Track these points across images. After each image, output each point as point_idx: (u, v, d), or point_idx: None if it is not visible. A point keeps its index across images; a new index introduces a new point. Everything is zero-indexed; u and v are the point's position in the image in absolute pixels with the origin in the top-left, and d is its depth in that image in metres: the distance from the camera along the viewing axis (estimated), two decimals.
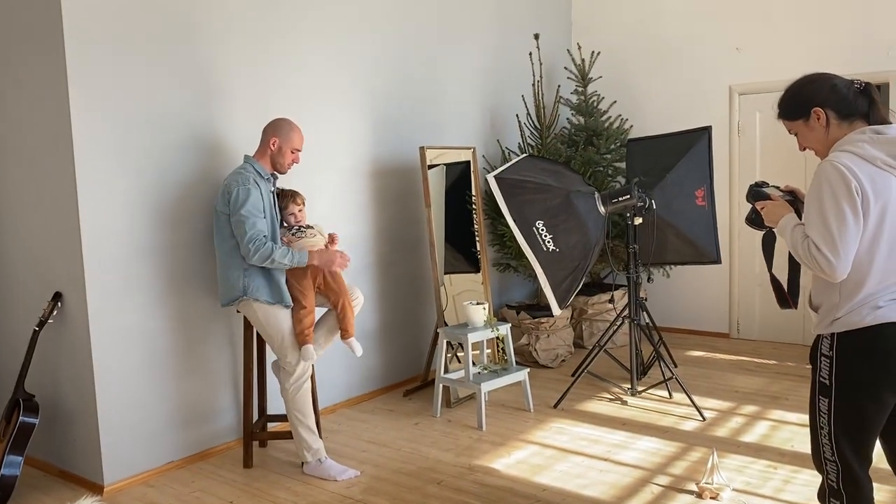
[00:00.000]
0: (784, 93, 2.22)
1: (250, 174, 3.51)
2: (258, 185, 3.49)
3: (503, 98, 5.88)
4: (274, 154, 3.59)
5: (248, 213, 3.40)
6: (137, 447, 3.60)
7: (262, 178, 3.55)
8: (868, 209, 1.99)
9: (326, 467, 3.57)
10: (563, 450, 3.82)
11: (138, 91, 3.54)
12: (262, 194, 3.48)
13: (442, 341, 4.39)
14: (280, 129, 3.59)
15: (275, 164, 3.61)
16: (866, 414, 2.07)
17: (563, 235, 4.33)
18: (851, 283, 2.05)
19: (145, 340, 3.62)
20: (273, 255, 3.39)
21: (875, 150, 2.01)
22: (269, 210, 3.53)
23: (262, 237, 3.40)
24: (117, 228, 3.49)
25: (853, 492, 2.11)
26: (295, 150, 3.62)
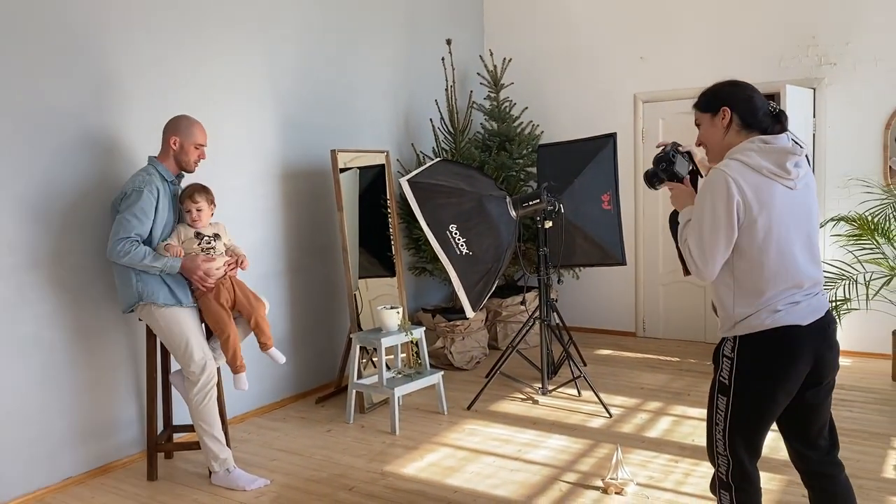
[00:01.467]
0: (709, 87, 2.32)
1: (153, 176, 3.41)
2: (158, 188, 3.39)
3: (417, 102, 5.90)
4: (177, 153, 3.49)
5: (132, 214, 3.30)
6: (33, 464, 3.43)
7: (165, 181, 3.45)
8: (752, 218, 2.09)
9: (235, 477, 3.50)
10: (474, 451, 3.87)
11: (26, 89, 3.38)
12: (159, 197, 3.39)
13: (355, 346, 4.37)
14: (179, 127, 3.49)
15: (180, 163, 3.51)
16: (761, 413, 2.17)
17: (476, 239, 4.38)
18: (748, 289, 2.15)
19: (41, 353, 3.46)
20: (143, 258, 3.30)
21: (762, 159, 2.12)
22: (167, 213, 3.44)
23: (134, 238, 3.30)
24: (7, 235, 3.32)
25: (741, 484, 2.23)
26: (199, 146, 3.52)
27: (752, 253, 2.12)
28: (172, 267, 3.36)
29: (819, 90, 5.38)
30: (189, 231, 3.51)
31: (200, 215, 3.52)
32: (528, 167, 6.02)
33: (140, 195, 3.33)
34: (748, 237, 2.11)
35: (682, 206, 2.32)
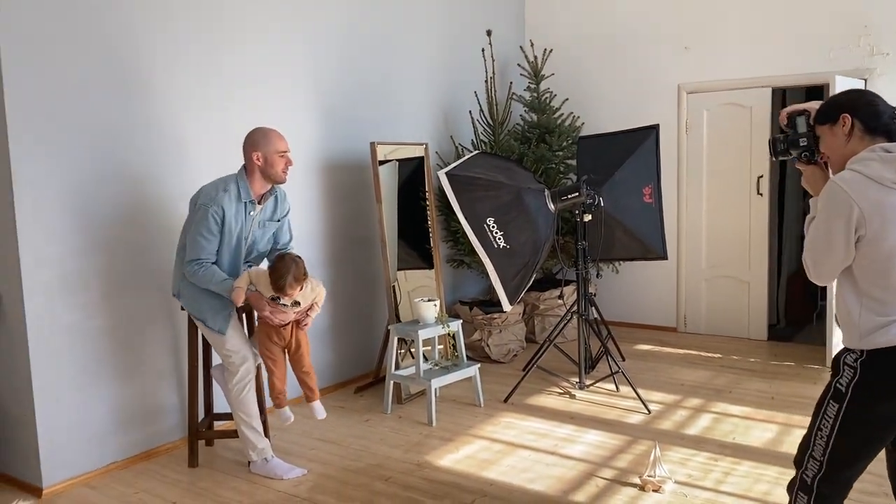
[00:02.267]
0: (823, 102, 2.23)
1: (227, 193, 3.34)
2: (224, 210, 3.31)
3: (456, 94, 5.88)
4: (262, 168, 3.39)
5: (201, 235, 3.30)
6: (78, 448, 3.53)
7: (240, 201, 3.38)
8: (874, 232, 1.97)
9: (272, 466, 3.54)
10: (511, 444, 3.86)
11: (73, 86, 3.45)
12: (225, 217, 3.32)
13: (393, 338, 4.39)
14: (256, 141, 3.40)
15: (268, 176, 3.41)
16: (871, 434, 2.07)
17: (513, 232, 4.36)
18: (874, 302, 2.04)
19: (86, 340, 3.55)
20: (209, 282, 3.33)
21: (884, 169, 1.99)
22: (236, 231, 3.39)
23: (206, 261, 3.32)
24: (55, 226, 3.41)
25: (827, 492, 2.12)
26: (282, 153, 3.39)
27: (878, 266, 2.01)
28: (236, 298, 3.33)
29: (870, 81, 5.21)
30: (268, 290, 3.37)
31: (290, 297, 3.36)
32: (568, 159, 5.96)
33: (206, 214, 3.29)
34: (873, 251, 1.99)
35: (815, 192, 2.23)
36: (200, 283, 3.35)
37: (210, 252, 3.35)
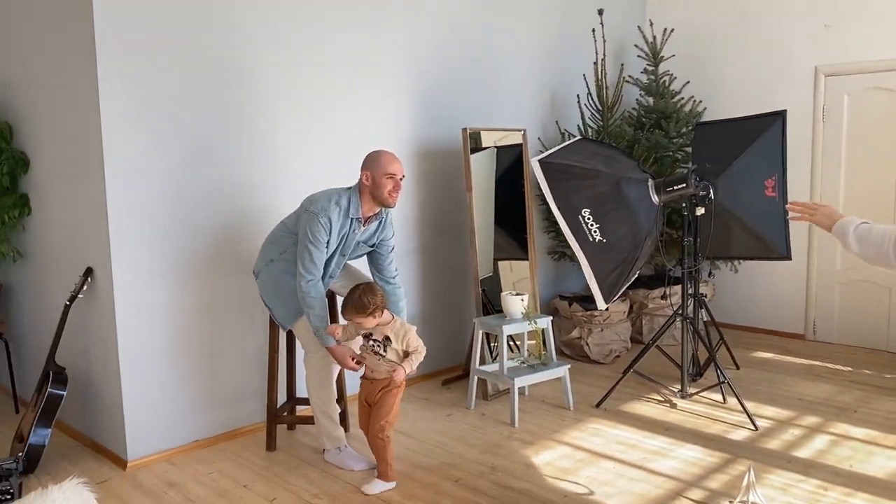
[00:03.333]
0: None
1: (338, 207, 3.29)
2: (332, 222, 3.27)
3: (563, 77, 5.59)
4: (370, 188, 3.33)
5: (311, 244, 3.27)
6: (162, 425, 3.62)
7: (348, 218, 3.34)
8: None
9: (345, 456, 3.48)
10: (595, 453, 3.60)
11: (168, 72, 3.51)
12: (331, 231, 3.28)
13: (477, 332, 4.22)
14: (368, 162, 3.35)
15: (375, 197, 3.35)
16: None
17: (611, 225, 4.06)
18: None
19: (173, 320, 3.62)
20: (311, 307, 3.28)
21: None
22: (334, 246, 3.34)
23: (316, 279, 3.29)
24: (145, 210, 3.49)
25: None
26: (390, 175, 3.30)
27: None
28: (322, 340, 3.32)
29: None
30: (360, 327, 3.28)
31: (362, 326, 3.23)
32: (686, 147, 5.53)
33: (315, 224, 3.25)
34: None
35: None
36: (306, 300, 3.29)
37: (320, 264, 3.29)
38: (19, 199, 4.12)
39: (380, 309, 3.19)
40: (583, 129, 5.39)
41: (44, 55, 3.75)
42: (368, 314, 3.15)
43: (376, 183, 3.31)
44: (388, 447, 3.26)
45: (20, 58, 3.99)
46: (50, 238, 3.97)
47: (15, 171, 4.08)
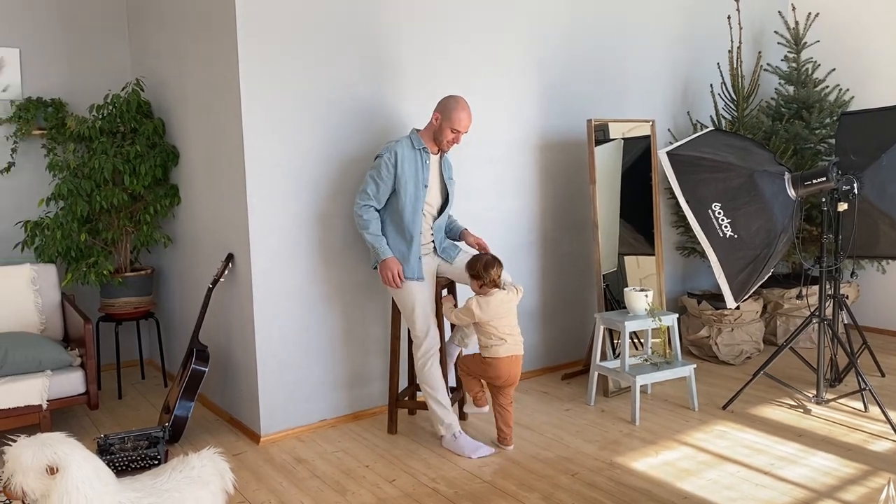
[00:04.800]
0: None
1: (399, 143, 3.54)
2: (397, 154, 3.49)
3: (695, 66, 5.39)
4: (435, 129, 3.56)
5: (371, 178, 3.53)
6: (292, 404, 3.82)
7: (414, 149, 3.56)
8: None
9: (460, 443, 3.55)
10: (719, 456, 3.47)
11: (306, 65, 3.69)
12: (398, 161, 3.49)
13: (599, 327, 4.16)
14: (445, 107, 3.54)
15: (436, 140, 3.58)
16: None
17: (743, 220, 3.89)
18: None
19: (305, 304, 3.82)
20: (366, 227, 3.52)
21: None
22: (411, 178, 3.52)
23: (369, 207, 3.52)
24: (282, 199, 3.69)
25: None
26: (455, 131, 3.53)
27: None
28: (378, 254, 3.52)
29: None
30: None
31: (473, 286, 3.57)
32: (830, 138, 5.19)
33: (380, 161, 3.52)
34: None
35: None
36: (359, 222, 3.52)
37: (376, 196, 3.52)
38: (170, 189, 4.46)
39: (486, 285, 3.45)
40: (716, 120, 5.19)
41: (193, 55, 4.04)
42: (473, 277, 3.49)
43: (441, 128, 3.54)
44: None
45: (173, 58, 4.32)
46: (196, 226, 4.28)
47: (167, 164, 4.42)
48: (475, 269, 3.50)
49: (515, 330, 3.50)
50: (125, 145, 4.32)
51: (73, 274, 4.26)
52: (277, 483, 3.29)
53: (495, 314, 3.43)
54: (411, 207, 3.52)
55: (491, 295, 3.45)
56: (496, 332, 3.45)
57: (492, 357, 3.47)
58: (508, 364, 3.47)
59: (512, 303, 3.48)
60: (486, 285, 3.47)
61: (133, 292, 4.49)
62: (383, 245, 3.51)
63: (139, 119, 4.43)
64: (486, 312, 3.42)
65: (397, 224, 3.53)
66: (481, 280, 3.47)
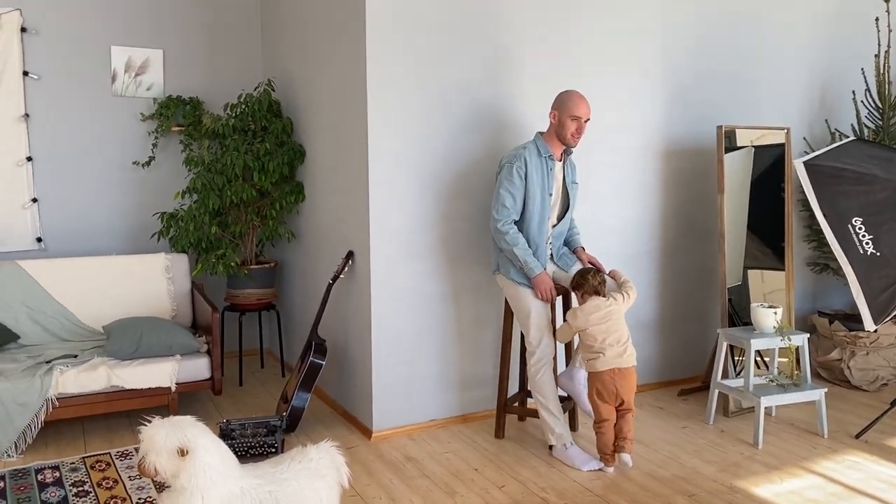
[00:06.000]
0: None
1: (526, 150, 3.49)
2: (527, 161, 3.45)
3: (837, 71, 5.06)
4: (556, 127, 3.50)
5: (505, 189, 3.44)
6: (404, 402, 3.86)
7: (540, 156, 3.50)
8: None
9: (571, 454, 3.48)
10: (850, 488, 3.23)
11: (429, 65, 3.72)
12: (528, 171, 3.44)
13: (722, 343, 3.97)
14: (558, 101, 3.51)
15: (560, 137, 3.51)
16: None
17: (886, 237, 3.63)
18: None
19: (419, 304, 3.85)
20: (514, 244, 3.42)
21: None
22: (538, 188, 3.48)
23: (509, 221, 3.44)
24: (402, 200, 3.74)
25: None
26: (575, 118, 3.43)
27: None
28: (531, 269, 3.43)
29: None
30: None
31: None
32: None
33: (510, 170, 3.45)
34: None
35: None
36: (506, 239, 3.43)
37: (514, 207, 3.45)
38: (296, 186, 4.62)
39: (586, 293, 3.41)
40: (857, 129, 4.85)
41: (322, 57, 4.16)
42: (574, 288, 3.47)
43: (561, 122, 3.45)
44: None
45: (303, 59, 4.47)
46: (318, 222, 4.41)
47: (293, 162, 4.58)
48: (574, 280, 3.47)
49: (619, 340, 3.35)
50: (255, 143, 4.51)
51: (202, 264, 4.48)
52: (387, 479, 3.34)
53: (590, 321, 3.33)
54: (538, 217, 3.48)
55: (586, 302, 3.37)
56: (595, 343, 3.34)
57: (593, 371, 3.37)
58: (610, 377, 3.33)
59: (611, 309, 3.36)
60: (586, 293, 3.40)
61: (257, 284, 4.68)
62: (535, 261, 3.44)
63: (269, 118, 4.61)
64: (580, 319, 3.35)
65: (523, 233, 3.49)
66: (581, 289, 3.42)
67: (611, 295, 3.40)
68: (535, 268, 3.42)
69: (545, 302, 3.49)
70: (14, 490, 3.17)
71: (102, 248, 4.76)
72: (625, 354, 3.35)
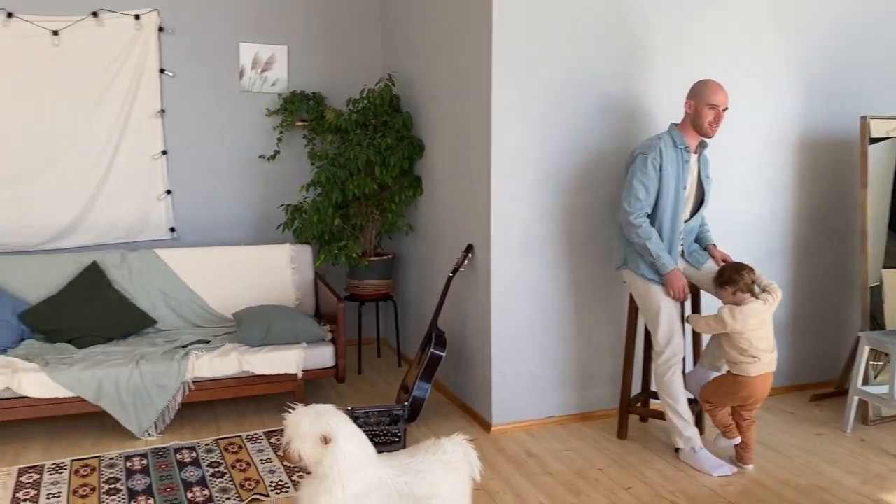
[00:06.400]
0: None
1: (661, 141, 3.37)
2: (662, 153, 3.33)
3: None
4: (692, 117, 3.36)
5: (638, 181, 3.33)
6: (523, 396, 3.84)
7: (676, 148, 3.38)
8: None
9: (701, 458, 3.35)
10: None
11: (555, 56, 3.66)
12: (663, 163, 3.32)
13: (863, 347, 3.74)
14: (693, 90, 3.37)
15: (696, 128, 3.36)
16: None
17: None
18: None
19: (539, 299, 3.81)
20: (647, 238, 3.30)
21: None
22: (674, 180, 3.35)
23: (642, 214, 3.32)
24: (524, 193, 3.70)
25: None
26: (712, 106, 3.29)
27: None
28: (664, 265, 3.31)
29: None
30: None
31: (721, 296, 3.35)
32: None
33: (644, 161, 3.34)
34: None
35: None
36: (638, 233, 3.32)
37: (647, 200, 3.33)
38: (414, 180, 4.66)
39: (740, 290, 3.22)
40: None
41: (444, 51, 4.17)
42: (723, 284, 3.27)
43: (698, 112, 3.32)
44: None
45: (424, 54, 4.49)
46: (436, 216, 4.43)
47: (413, 156, 4.62)
48: (724, 275, 3.28)
49: (771, 344, 3.23)
50: (377, 137, 4.57)
51: (325, 255, 4.59)
52: (510, 474, 3.32)
53: (750, 325, 3.19)
54: (671, 211, 3.36)
55: (746, 304, 3.20)
56: (750, 348, 3.19)
57: (743, 375, 3.23)
58: (762, 382, 3.22)
59: (768, 313, 3.22)
60: (739, 290, 3.22)
61: (376, 275, 4.76)
62: (668, 256, 3.33)
63: (390, 113, 4.67)
64: (740, 322, 3.18)
65: (654, 228, 3.38)
66: (734, 285, 3.23)
67: (761, 297, 3.24)
68: (668, 264, 3.31)
69: (677, 300, 3.37)
70: (157, 468, 3.35)
71: (229, 238, 4.96)
72: (773, 358, 3.26)
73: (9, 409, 3.49)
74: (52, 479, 3.23)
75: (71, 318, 4.00)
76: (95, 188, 4.61)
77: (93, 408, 3.58)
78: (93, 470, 3.32)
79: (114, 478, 3.24)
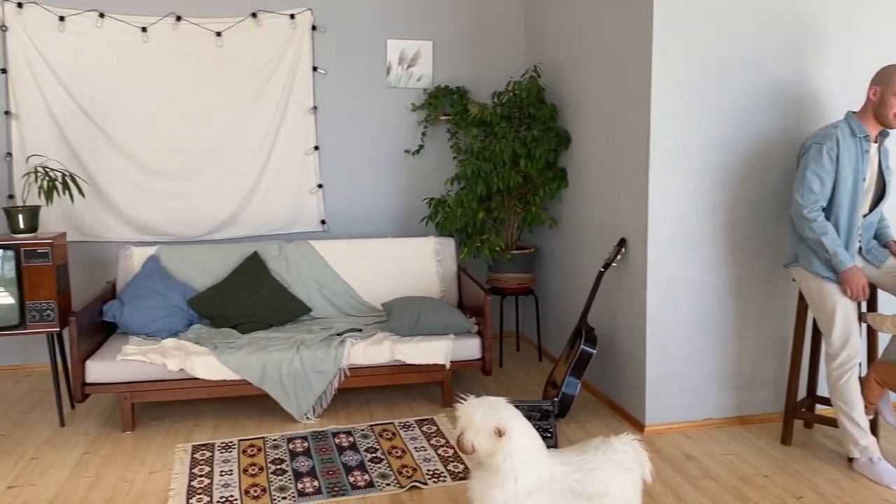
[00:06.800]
0: None
1: (837, 129, 3.15)
2: (839, 142, 3.12)
3: None
4: (875, 105, 3.12)
5: (812, 172, 3.13)
6: (679, 397, 3.71)
7: (854, 137, 3.16)
8: None
9: (879, 470, 3.13)
10: None
11: (720, 44, 3.50)
12: (840, 153, 3.12)
13: None
14: (881, 76, 3.11)
15: (879, 117, 3.12)
16: None
17: None
18: None
19: (698, 296, 3.67)
20: (823, 231, 3.09)
21: None
22: (850, 171, 3.14)
23: (816, 207, 3.11)
24: (683, 185, 3.57)
25: None
26: None
27: None
28: (841, 263, 3.10)
29: None
30: None
31: None
32: None
33: (819, 151, 3.14)
34: None
35: None
36: (812, 227, 3.13)
37: (822, 193, 3.13)
38: (559, 172, 4.60)
39: None
40: None
41: (596, 42, 4.08)
42: None
43: (884, 100, 3.08)
44: None
45: (571, 44, 4.42)
46: (583, 209, 4.35)
47: (558, 148, 4.56)
48: None
49: None
50: (522, 130, 4.54)
51: (468, 248, 4.62)
52: (669, 476, 3.22)
53: None
54: (849, 204, 3.15)
55: None
56: None
57: None
58: None
59: None
60: None
61: (518, 269, 4.74)
62: (846, 253, 3.13)
63: (536, 104, 4.63)
64: None
65: (830, 222, 3.17)
66: None
67: None
68: (845, 261, 3.10)
69: (854, 300, 3.16)
70: (317, 451, 3.47)
71: (374, 230, 5.09)
72: None
73: (184, 389, 3.72)
74: (223, 457, 3.42)
75: (234, 305, 4.22)
76: (253, 183, 4.84)
77: (256, 390, 3.76)
78: (259, 450, 3.48)
79: (279, 458, 3.39)
